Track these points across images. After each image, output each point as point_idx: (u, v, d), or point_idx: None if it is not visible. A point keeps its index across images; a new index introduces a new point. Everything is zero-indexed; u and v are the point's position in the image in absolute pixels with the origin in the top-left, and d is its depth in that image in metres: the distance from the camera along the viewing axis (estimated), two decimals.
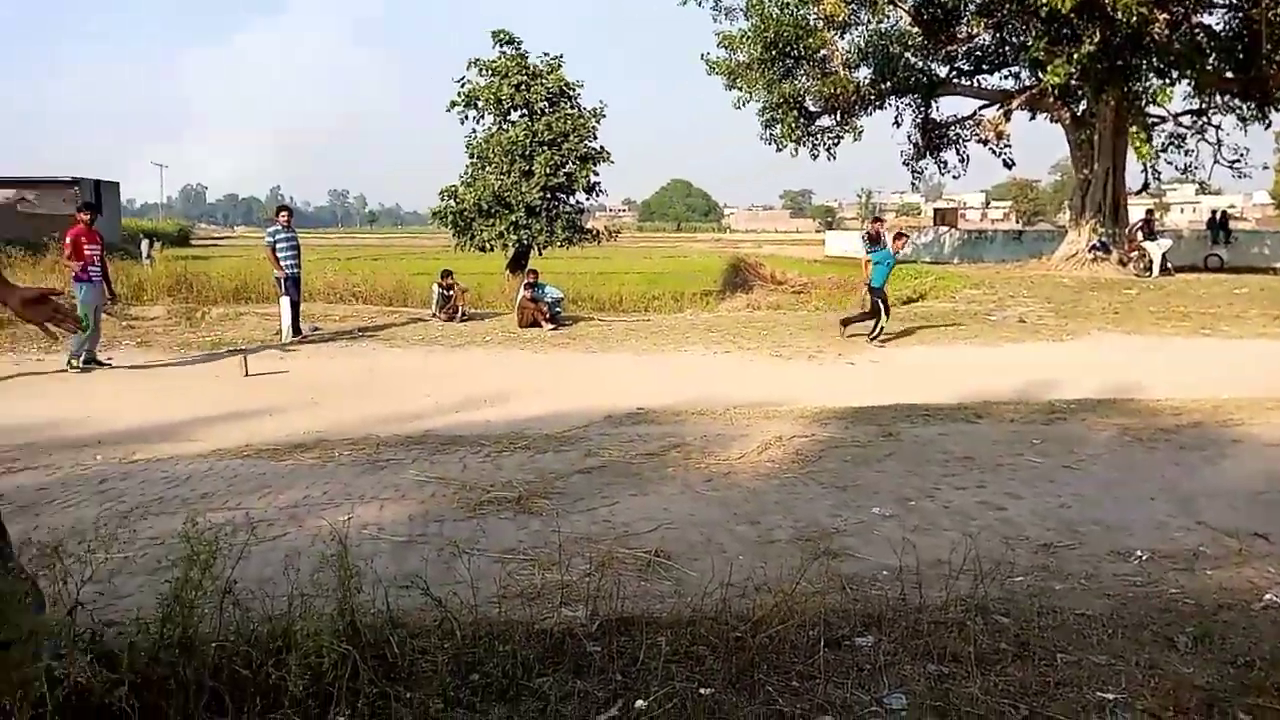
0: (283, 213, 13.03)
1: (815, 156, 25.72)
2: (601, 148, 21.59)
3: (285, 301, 12.35)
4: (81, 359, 9.94)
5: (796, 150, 25.18)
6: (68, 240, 10.15)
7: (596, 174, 21.55)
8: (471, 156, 21.25)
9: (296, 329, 12.45)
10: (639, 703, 2.73)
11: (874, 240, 17.20)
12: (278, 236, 12.45)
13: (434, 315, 14.69)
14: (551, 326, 13.74)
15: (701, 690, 2.78)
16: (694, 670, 2.90)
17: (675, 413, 7.73)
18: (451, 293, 14.63)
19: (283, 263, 12.26)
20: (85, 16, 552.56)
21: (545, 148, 20.34)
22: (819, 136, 25.43)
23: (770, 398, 8.41)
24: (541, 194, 20.35)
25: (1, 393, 8.96)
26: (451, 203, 21.00)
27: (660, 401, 8.19)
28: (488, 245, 21.02)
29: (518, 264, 20.89)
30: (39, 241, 20.28)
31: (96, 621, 2.69)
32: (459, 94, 21.26)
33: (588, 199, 22.41)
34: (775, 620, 3.12)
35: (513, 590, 3.71)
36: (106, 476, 5.66)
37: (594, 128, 21.39)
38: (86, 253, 10.06)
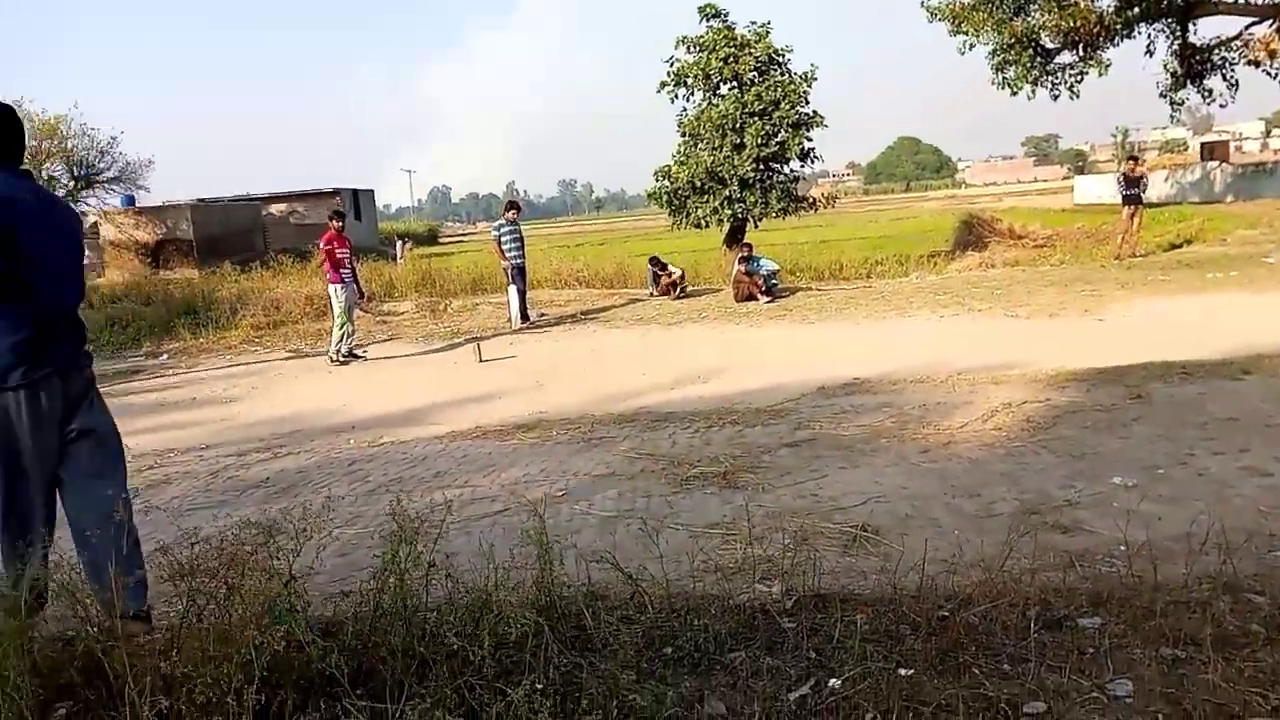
0: (511, 209, 13.69)
1: (1056, 97, 23.57)
2: (814, 112, 21.00)
3: (513, 290, 13.04)
4: (341, 353, 11.04)
5: (1034, 92, 23.24)
6: (322, 246, 11.25)
7: (810, 140, 21.01)
8: (683, 135, 21.38)
9: (524, 316, 13.12)
10: (833, 681, 2.64)
11: (1132, 183, 15.66)
12: (503, 230, 13.15)
13: (651, 294, 15.00)
14: (767, 299, 13.59)
15: (900, 670, 2.64)
16: (893, 649, 2.76)
17: (893, 382, 7.41)
18: (663, 273, 14.88)
19: (507, 254, 12.94)
20: (340, 37, 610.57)
21: (756, 118, 20.07)
22: (1059, 75, 23.29)
23: (1001, 362, 7.84)
24: (754, 166, 20.12)
25: (273, 386, 10.11)
26: (665, 182, 21.26)
27: (878, 370, 7.87)
28: (703, 222, 21.11)
29: (734, 238, 20.83)
30: (308, 250, 22.77)
31: (324, 594, 2.99)
32: (668, 73, 21.43)
33: (803, 166, 21.90)
34: (984, 598, 2.91)
35: (710, 565, 3.71)
36: (355, 459, 6.24)
37: (805, 93, 20.83)
38: (339, 256, 11.10)
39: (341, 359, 11.02)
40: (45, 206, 3.20)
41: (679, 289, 14.72)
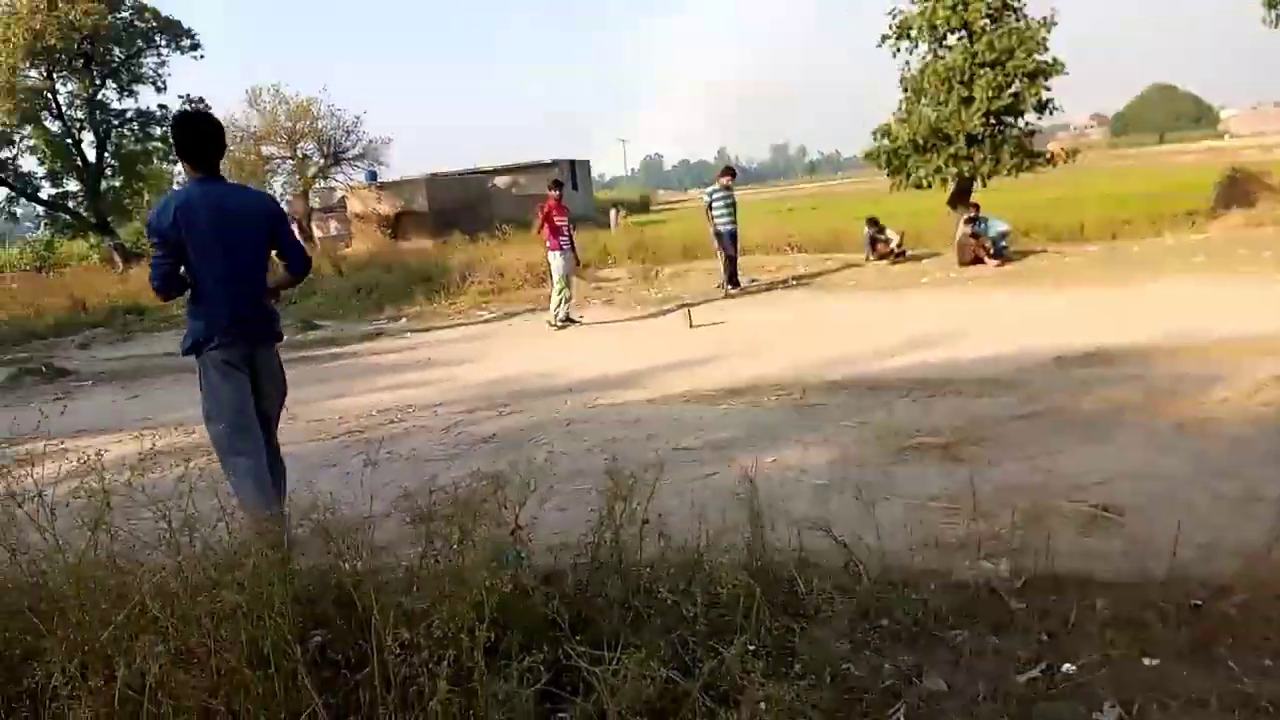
0: (726, 174, 13.52)
1: None
2: (1053, 60, 19.29)
3: (722, 256, 13.00)
4: (559, 318, 11.50)
5: None
6: (540, 215, 11.70)
7: (1049, 90, 19.35)
8: (905, 90, 20.33)
9: (734, 281, 13.07)
10: (1066, 666, 2.47)
11: None
12: (714, 195, 13.05)
13: (867, 259, 14.50)
14: (996, 262, 12.78)
15: (1145, 660, 2.42)
16: (1136, 637, 2.53)
17: (1141, 352, 6.75)
18: (882, 236, 14.30)
19: (717, 220, 12.87)
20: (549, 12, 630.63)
21: (987, 69, 18.72)
22: None
23: (1271, 330, 6.95)
24: (983, 120, 18.82)
25: (497, 349, 10.68)
26: (884, 141, 20.31)
27: (1122, 340, 7.19)
28: (924, 182, 20.04)
29: (959, 199, 19.66)
30: (528, 219, 23.80)
31: (544, 545, 3.12)
32: (890, 26, 20.41)
33: (1039, 119, 20.23)
34: (1245, 588, 2.60)
35: (929, 539, 3.55)
36: (573, 420, 6.48)
37: (1044, 39, 19.15)
38: (557, 224, 11.48)
39: (559, 323, 11.48)
40: (221, 213, 3.80)
41: (897, 252, 14.14)
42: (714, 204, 12.96)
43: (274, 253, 4.07)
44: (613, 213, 32.91)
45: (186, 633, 1.99)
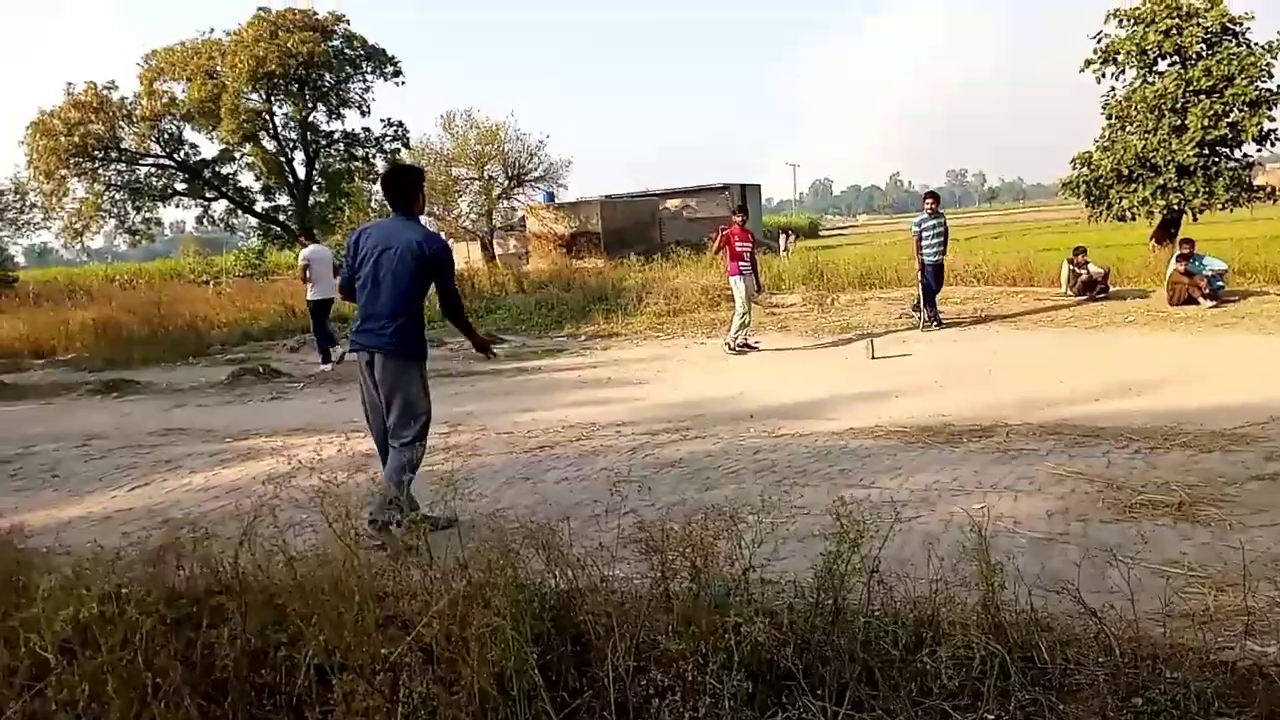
0: (928, 199, 12.77)
1: None
2: (1279, 88, 17.73)
3: (921, 288, 12.33)
4: (737, 342, 11.45)
5: None
6: (720, 238, 11.73)
7: (1272, 119, 17.77)
8: (1109, 118, 19.16)
9: (933, 318, 12.36)
10: None
11: None
12: (923, 225, 12.31)
13: (1065, 293, 13.66)
14: (1211, 304, 11.76)
15: None
16: None
17: None
18: (1084, 271, 13.42)
19: (925, 250, 12.19)
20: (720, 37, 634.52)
21: (1202, 96, 17.40)
22: None
23: None
24: (1196, 150, 17.48)
25: (676, 371, 10.73)
26: (1085, 170, 19.22)
27: None
28: (1128, 214, 18.79)
29: (1165, 233, 18.32)
30: (700, 241, 23.96)
31: (762, 582, 3.05)
32: (1095, 50, 19.32)
33: (1259, 150, 18.60)
34: None
35: (1177, 609, 3.24)
36: (759, 448, 6.40)
37: (1268, 65, 17.63)
38: (738, 249, 11.47)
39: (738, 348, 11.43)
40: (383, 244, 4.73)
41: (1099, 288, 13.26)
42: (924, 234, 12.23)
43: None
44: (782, 238, 32.69)
45: (453, 652, 2.05)
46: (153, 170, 34.22)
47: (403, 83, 35.86)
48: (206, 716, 2.35)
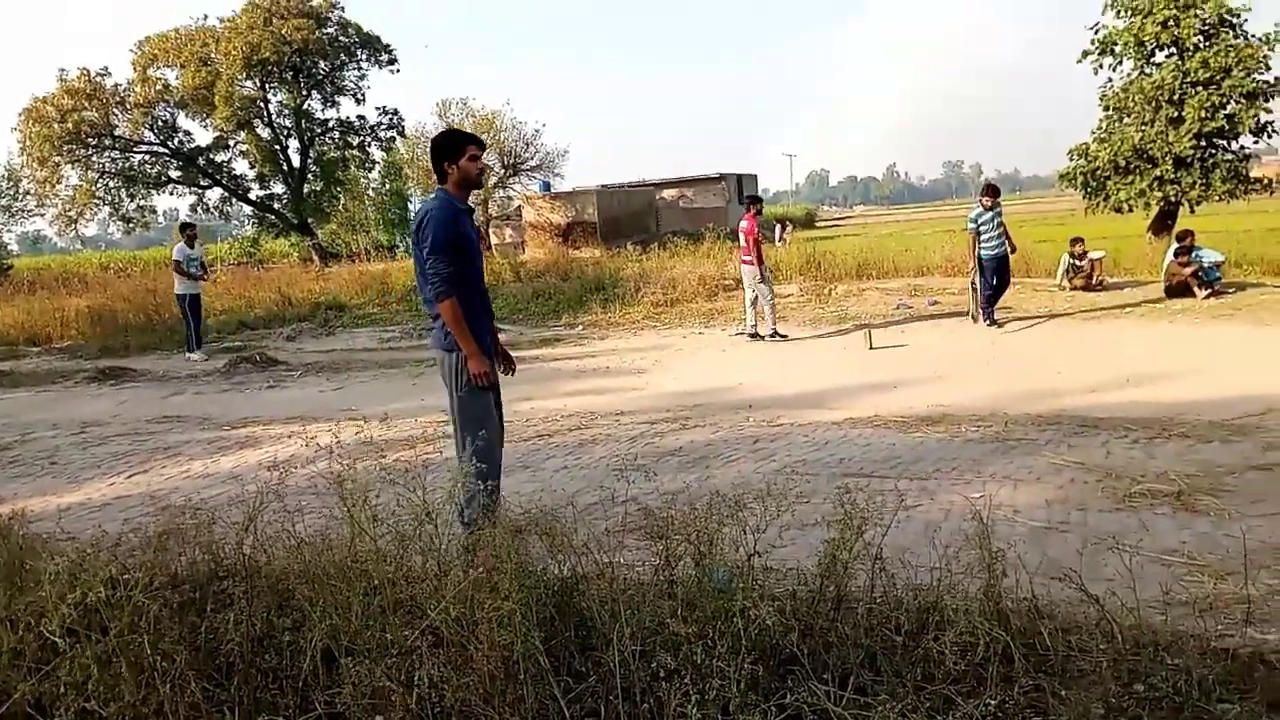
0: (985, 195, 11.95)
1: None
2: (1276, 79, 17.69)
3: (980, 282, 11.64)
4: (769, 332, 11.68)
5: None
6: (743, 230, 11.87)
7: (1269, 111, 17.75)
8: (1106, 109, 19.13)
9: (989, 314, 11.55)
10: None
11: None
12: (980, 220, 11.56)
13: (1060, 285, 13.67)
14: (1205, 293, 11.77)
15: None
16: None
17: None
18: (1082, 262, 13.43)
19: (985, 243, 11.45)
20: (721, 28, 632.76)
21: (1199, 88, 17.38)
22: None
23: None
24: (1193, 142, 17.47)
25: (674, 361, 10.73)
26: (1082, 162, 19.19)
27: None
28: (1125, 206, 18.78)
29: (1162, 224, 18.32)
30: (696, 231, 23.94)
31: (766, 569, 3.06)
32: (1092, 41, 19.28)
33: (1256, 142, 18.59)
34: None
35: (1177, 597, 3.26)
36: (759, 437, 6.41)
37: (1265, 58, 17.59)
38: (756, 240, 11.63)
39: (758, 333, 11.75)
40: (415, 220, 4.23)
41: (1095, 280, 13.27)
42: (982, 227, 11.48)
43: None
44: (778, 228, 32.58)
45: (464, 636, 2.05)
46: (147, 158, 34.04)
47: (398, 70, 35.71)
48: (212, 699, 2.36)
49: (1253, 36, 17.86)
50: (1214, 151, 18.04)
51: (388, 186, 41.91)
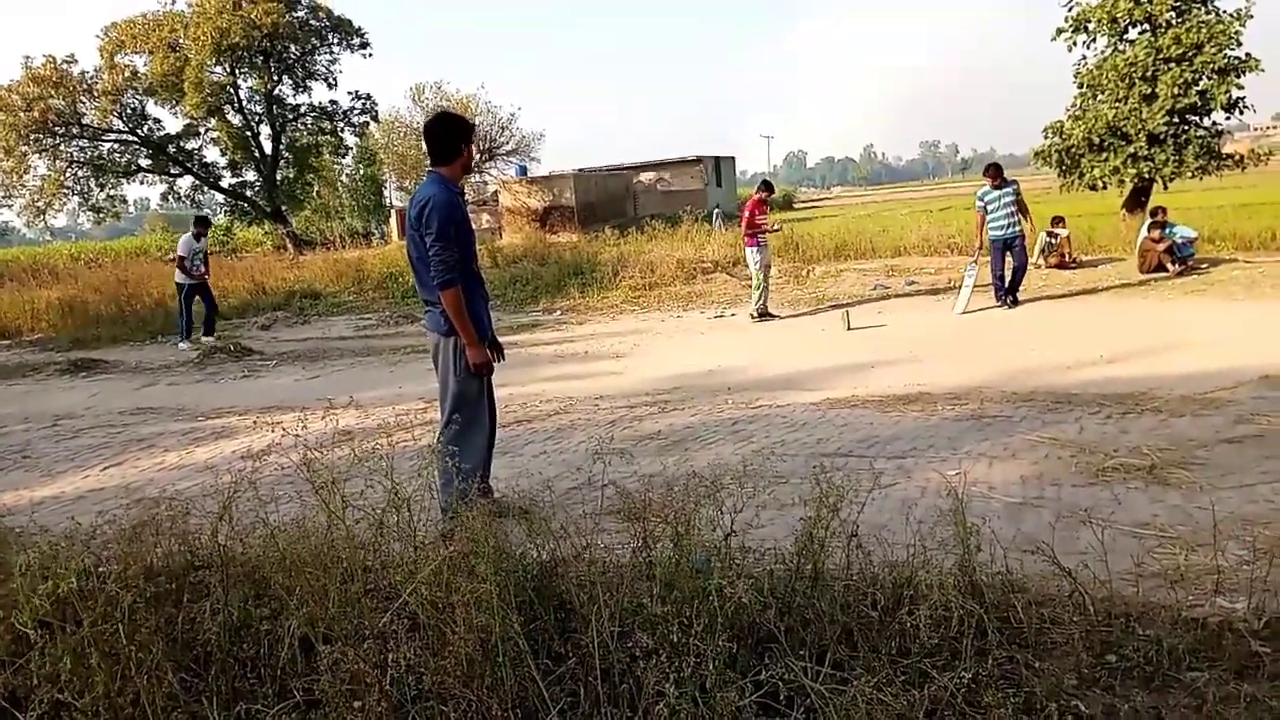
0: (986, 174, 11.57)
1: None
2: (1247, 55, 17.86)
3: (986, 266, 11.45)
4: (759, 311, 11.82)
5: None
6: (746, 212, 12.01)
7: (1240, 87, 17.92)
8: (1080, 86, 19.25)
9: (1009, 293, 11.25)
10: None
11: None
12: (987, 198, 11.29)
13: (1035, 264, 13.77)
14: (1178, 268, 11.91)
15: None
16: None
17: None
18: (1056, 240, 13.54)
19: (993, 224, 11.19)
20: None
21: (1172, 65, 17.52)
22: None
23: None
24: (1166, 119, 17.62)
25: (653, 344, 10.72)
26: (1056, 139, 19.32)
27: None
28: (1099, 183, 18.94)
29: (1136, 201, 18.50)
30: (674, 214, 23.86)
31: (744, 549, 3.08)
32: (1066, 19, 19.37)
33: (1228, 118, 18.77)
34: None
35: (1149, 569, 3.31)
36: (737, 420, 6.43)
37: (1236, 33, 17.75)
38: (758, 222, 11.80)
39: (759, 317, 11.81)
40: (413, 204, 4.19)
41: (1068, 258, 13.38)
42: (989, 207, 11.20)
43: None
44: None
45: (440, 619, 2.05)
46: (116, 146, 33.56)
47: (370, 54, 35.35)
48: (189, 689, 2.34)
49: (1224, 12, 18.01)
50: (1186, 128, 18.21)
51: (362, 172, 41.53)
